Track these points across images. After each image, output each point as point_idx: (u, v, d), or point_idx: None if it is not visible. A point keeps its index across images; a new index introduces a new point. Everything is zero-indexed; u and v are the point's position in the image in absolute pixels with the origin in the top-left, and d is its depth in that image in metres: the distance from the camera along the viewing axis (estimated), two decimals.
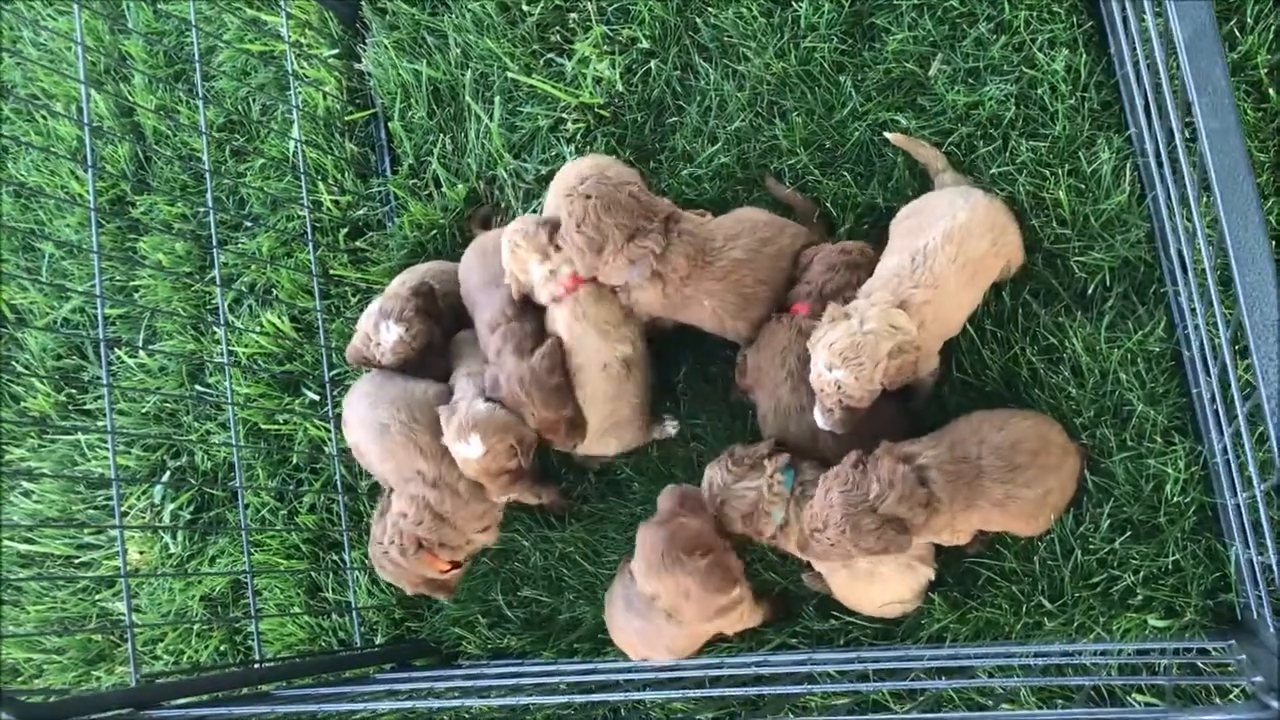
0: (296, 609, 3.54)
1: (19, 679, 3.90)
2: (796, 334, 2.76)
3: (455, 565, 3.07)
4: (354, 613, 3.41)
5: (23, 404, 4.05)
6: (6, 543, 3.95)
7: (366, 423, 3.02)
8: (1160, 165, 2.58)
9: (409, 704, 2.53)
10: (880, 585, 2.84)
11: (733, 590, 2.76)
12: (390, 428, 2.96)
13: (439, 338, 3.15)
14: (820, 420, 2.65)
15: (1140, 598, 2.74)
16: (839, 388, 2.54)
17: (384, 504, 3.05)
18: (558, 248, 2.87)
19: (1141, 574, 2.74)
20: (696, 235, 2.84)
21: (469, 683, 2.80)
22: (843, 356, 2.50)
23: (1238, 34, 2.82)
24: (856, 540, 2.53)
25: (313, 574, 3.56)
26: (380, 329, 3.08)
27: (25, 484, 3.98)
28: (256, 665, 3.13)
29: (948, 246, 2.60)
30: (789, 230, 2.97)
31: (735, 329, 2.93)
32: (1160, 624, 2.72)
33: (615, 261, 2.79)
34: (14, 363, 4.10)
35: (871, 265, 2.78)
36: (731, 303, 2.88)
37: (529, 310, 2.99)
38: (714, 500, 2.78)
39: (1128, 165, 2.86)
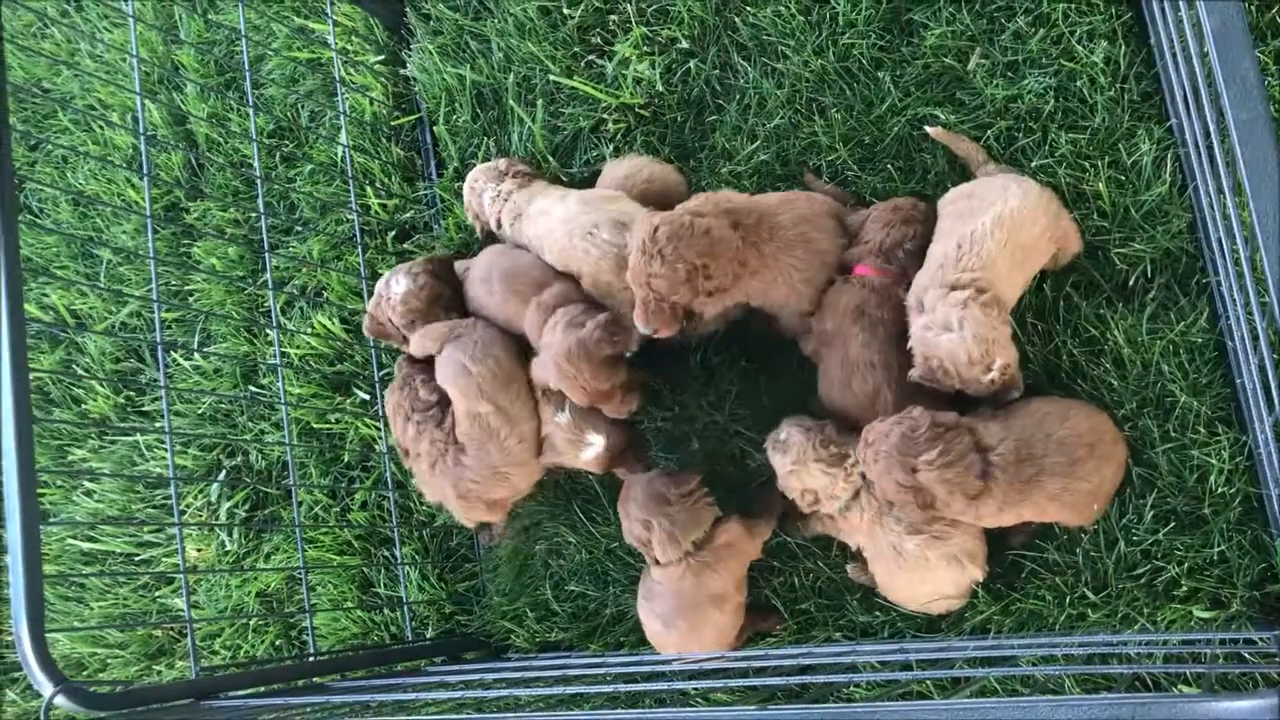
0: (349, 604, 3.61)
1: (84, 672, 4.01)
2: (869, 291, 2.75)
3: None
4: (405, 607, 3.48)
5: (83, 406, 4.16)
6: (70, 540, 4.06)
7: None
8: (1200, 156, 2.57)
9: (460, 694, 2.57)
10: (925, 576, 2.80)
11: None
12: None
13: (449, 298, 3.18)
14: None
15: (1185, 589, 2.72)
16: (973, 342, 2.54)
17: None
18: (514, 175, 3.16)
19: (1186, 565, 2.73)
20: (766, 223, 2.82)
21: (518, 674, 2.84)
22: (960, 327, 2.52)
23: None
24: (880, 477, 2.54)
25: (365, 569, 3.63)
26: (390, 283, 3.15)
27: (87, 484, 4.10)
28: (311, 658, 3.20)
29: (998, 232, 2.60)
30: (827, 201, 3.01)
31: (802, 297, 2.88)
32: (1205, 615, 2.70)
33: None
34: (74, 366, 4.22)
35: (925, 219, 2.82)
36: (806, 265, 2.85)
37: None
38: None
39: (1168, 156, 2.84)
